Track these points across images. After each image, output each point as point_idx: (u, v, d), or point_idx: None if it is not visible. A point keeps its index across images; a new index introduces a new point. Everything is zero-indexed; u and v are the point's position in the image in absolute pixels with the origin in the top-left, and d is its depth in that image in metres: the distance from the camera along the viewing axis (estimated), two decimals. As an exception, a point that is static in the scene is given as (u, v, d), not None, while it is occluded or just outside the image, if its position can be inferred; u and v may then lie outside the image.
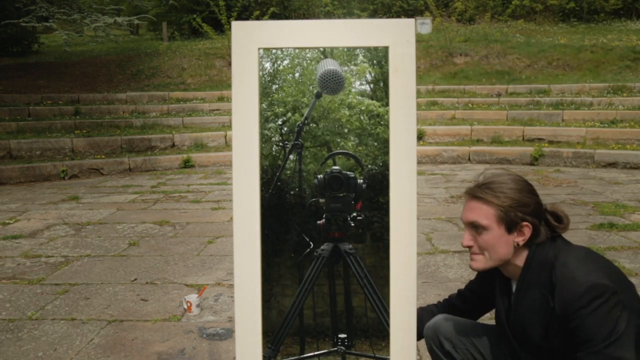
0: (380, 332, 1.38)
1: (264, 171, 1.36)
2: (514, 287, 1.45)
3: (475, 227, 1.38)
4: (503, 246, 1.37)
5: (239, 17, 15.09)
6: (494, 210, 1.35)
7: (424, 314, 1.72)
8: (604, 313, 1.24)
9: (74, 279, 3.52)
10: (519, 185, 1.38)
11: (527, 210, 1.35)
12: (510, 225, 1.35)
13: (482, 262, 1.41)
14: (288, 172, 1.36)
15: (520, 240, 1.37)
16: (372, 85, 1.36)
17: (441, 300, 1.79)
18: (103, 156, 8.05)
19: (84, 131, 8.89)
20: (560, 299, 1.29)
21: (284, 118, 1.36)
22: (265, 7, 15.70)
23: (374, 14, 18.74)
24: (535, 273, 1.36)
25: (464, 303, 1.71)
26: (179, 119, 9.89)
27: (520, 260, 1.40)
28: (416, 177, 1.33)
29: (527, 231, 1.36)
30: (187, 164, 8.13)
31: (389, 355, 1.36)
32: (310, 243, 1.38)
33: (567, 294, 1.28)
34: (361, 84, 1.37)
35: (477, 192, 1.39)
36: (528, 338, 1.40)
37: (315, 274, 1.38)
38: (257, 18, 14.64)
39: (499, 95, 11.04)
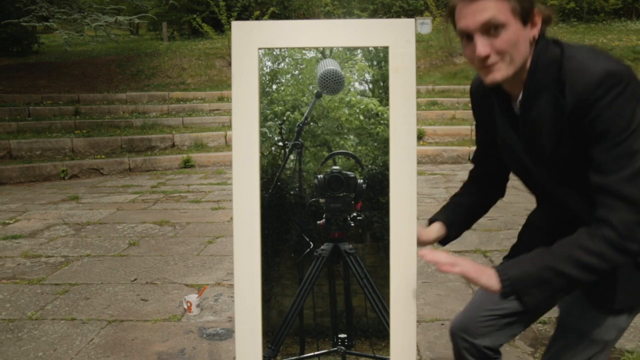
0: (380, 332, 1.38)
1: (264, 171, 1.36)
2: (515, 107, 1.34)
3: (488, 30, 1.21)
4: (523, 42, 1.23)
5: (239, 17, 15.10)
6: (506, 2, 1.20)
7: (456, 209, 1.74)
8: (622, 102, 1.13)
9: (74, 279, 3.52)
10: None
11: None
12: (524, 15, 1.22)
13: (504, 69, 1.24)
14: (288, 172, 1.36)
15: (535, 32, 1.25)
16: (371, 85, 1.36)
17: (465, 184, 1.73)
18: (103, 156, 8.05)
19: (84, 131, 8.89)
20: (572, 93, 1.18)
21: (284, 117, 1.36)
22: (265, 7, 15.70)
23: (374, 14, 18.76)
24: (542, 74, 1.25)
25: (482, 164, 1.69)
26: (179, 119, 9.89)
27: (527, 64, 1.28)
28: (416, 177, 1.33)
29: (539, 20, 1.25)
30: (187, 164, 8.13)
31: (389, 355, 1.36)
32: (310, 243, 1.38)
33: (580, 87, 1.16)
34: (360, 84, 1.37)
35: None
36: (540, 149, 1.29)
37: (315, 274, 1.38)
38: (257, 18, 14.64)
39: (499, 95, 11.03)
